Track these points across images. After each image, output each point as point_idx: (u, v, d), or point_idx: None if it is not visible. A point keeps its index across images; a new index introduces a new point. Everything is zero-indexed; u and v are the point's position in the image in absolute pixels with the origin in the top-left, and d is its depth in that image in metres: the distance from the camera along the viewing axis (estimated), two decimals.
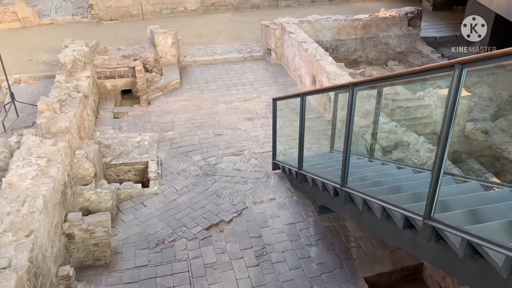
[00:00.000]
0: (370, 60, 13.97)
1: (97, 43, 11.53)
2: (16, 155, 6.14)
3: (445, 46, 15.09)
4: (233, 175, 7.94)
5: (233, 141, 9.09)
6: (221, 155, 8.59)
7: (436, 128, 8.07)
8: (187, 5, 17.88)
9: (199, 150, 8.79)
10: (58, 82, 8.76)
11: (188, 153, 8.69)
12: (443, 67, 3.34)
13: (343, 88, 5.55)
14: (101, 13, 17.08)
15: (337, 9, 17.63)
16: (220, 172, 8.02)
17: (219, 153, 8.69)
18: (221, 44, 14.67)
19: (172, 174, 8.00)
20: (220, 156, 8.58)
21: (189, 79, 12.05)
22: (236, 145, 8.93)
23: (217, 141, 9.11)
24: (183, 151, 8.77)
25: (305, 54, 10.87)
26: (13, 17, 16.15)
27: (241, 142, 9.04)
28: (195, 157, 8.56)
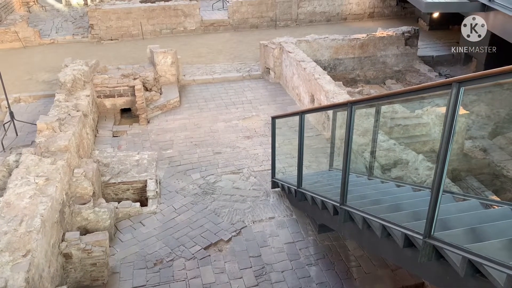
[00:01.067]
0: (368, 78, 14.09)
1: (97, 62, 11.62)
2: (14, 174, 6.12)
3: (442, 64, 15.25)
4: (232, 193, 7.92)
5: (232, 159, 9.09)
6: (220, 174, 8.58)
7: (435, 146, 8.08)
8: (187, 25, 18.09)
9: (198, 169, 8.77)
10: (57, 101, 8.80)
11: (187, 172, 8.68)
12: (440, 85, 3.37)
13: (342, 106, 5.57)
14: (101, 33, 17.27)
15: (335, 29, 17.85)
16: (219, 191, 8.00)
17: (218, 171, 8.67)
18: (220, 63, 14.80)
19: (170, 192, 7.97)
20: (219, 174, 8.56)
21: (189, 98, 12.11)
22: (235, 163, 8.92)
23: (216, 160, 9.10)
24: (182, 170, 8.76)
25: (304, 73, 10.96)
26: (14, 37, 16.31)
27: (240, 160, 9.03)
28: (194, 175, 8.54)
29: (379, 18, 20.21)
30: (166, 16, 17.78)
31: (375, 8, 20.37)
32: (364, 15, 20.29)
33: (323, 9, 19.61)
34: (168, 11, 17.77)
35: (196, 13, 18.05)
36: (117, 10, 17.28)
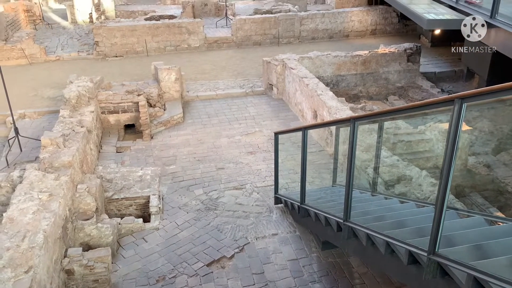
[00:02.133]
0: (371, 95, 14.14)
1: (101, 79, 11.73)
2: (18, 190, 6.14)
3: (444, 81, 15.30)
4: (235, 209, 7.89)
5: (235, 175, 9.08)
6: (223, 189, 8.57)
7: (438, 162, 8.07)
8: (191, 42, 18.28)
9: (201, 184, 8.77)
10: (62, 117, 8.86)
11: (190, 187, 8.67)
12: (443, 101, 3.38)
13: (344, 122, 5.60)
14: (106, 50, 17.47)
15: (337, 46, 17.98)
16: (222, 207, 7.97)
17: (221, 187, 8.66)
18: (223, 79, 14.91)
19: (173, 208, 7.95)
20: (222, 190, 8.55)
21: (192, 114, 12.17)
22: (238, 179, 8.92)
23: (219, 175, 9.10)
24: (184, 185, 8.75)
25: (306, 89, 11.01)
26: (21, 54, 16.52)
27: (243, 176, 9.02)
28: (197, 191, 8.53)
29: (381, 35, 20.37)
30: (170, 34, 17.99)
31: (377, 25, 20.56)
32: (366, 32, 20.47)
33: (326, 26, 19.80)
34: (173, 29, 17.99)
35: (200, 31, 18.25)
36: (122, 27, 17.50)
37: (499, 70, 12.55)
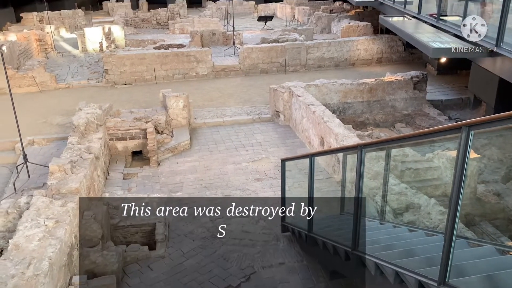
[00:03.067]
0: (378, 122, 14.15)
1: (110, 106, 11.88)
2: (25, 216, 6.14)
3: (451, 108, 15.31)
4: (242, 237, 7.80)
5: (241, 202, 9.02)
6: (229, 217, 8.49)
7: (447, 190, 7.98)
8: (199, 70, 18.55)
9: (207, 212, 8.70)
10: (70, 143, 8.94)
11: (196, 215, 8.61)
12: (450, 129, 3.38)
13: (352, 149, 5.59)
14: (115, 77, 17.75)
15: (343, 74, 18.15)
16: (228, 235, 7.89)
17: (227, 214, 8.59)
18: (231, 106, 15.03)
19: (179, 236, 7.89)
20: (228, 217, 8.48)
21: (199, 140, 12.23)
22: (245, 206, 8.85)
23: (226, 202, 9.04)
24: (191, 212, 8.70)
25: (313, 116, 11.06)
26: (31, 81, 16.83)
27: (249, 203, 8.96)
28: (203, 218, 8.47)
29: (387, 63, 20.57)
30: (179, 62, 18.29)
31: (383, 53, 20.78)
32: (372, 61, 20.68)
33: (332, 55, 20.04)
34: (181, 57, 18.31)
35: (208, 59, 18.55)
36: (131, 56, 17.84)
37: (506, 97, 12.55)
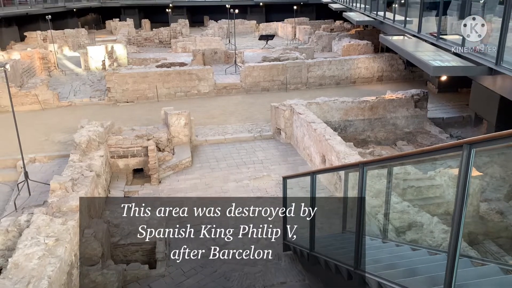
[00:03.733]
0: (379, 140, 14.16)
1: (112, 123, 11.92)
2: (25, 234, 6.10)
3: (452, 126, 15.33)
4: (243, 256, 7.72)
5: (242, 220, 8.96)
6: (230, 235, 8.42)
7: (450, 208, 7.93)
8: (200, 88, 18.67)
9: (208, 230, 8.64)
10: (72, 161, 8.94)
11: (197, 233, 8.54)
12: (451, 147, 3.37)
13: (353, 167, 5.58)
14: (117, 95, 17.86)
15: (344, 92, 18.23)
16: (229, 253, 7.81)
17: (228, 232, 8.53)
18: (232, 124, 15.07)
19: (180, 254, 7.80)
20: (229, 235, 8.40)
21: (200, 158, 12.22)
22: (246, 223, 8.78)
23: (227, 220, 8.98)
24: (191, 230, 8.63)
25: (314, 134, 11.07)
26: (34, 99, 16.93)
27: (250, 221, 8.90)
28: (204, 237, 8.39)
29: (387, 82, 20.68)
30: (181, 80, 18.42)
31: (384, 72, 20.92)
32: (373, 79, 20.80)
33: (333, 73, 20.18)
34: (183, 75, 18.44)
35: (209, 77, 18.68)
36: (134, 74, 17.98)
37: (508, 115, 12.57)
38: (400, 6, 16.17)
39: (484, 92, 12.85)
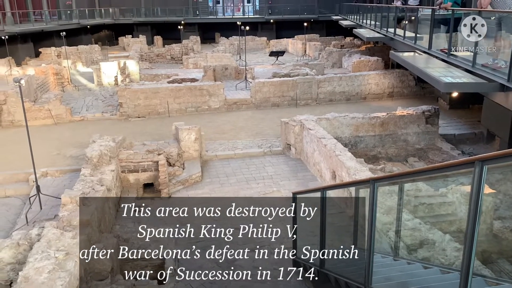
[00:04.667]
0: (390, 156, 14.07)
1: (123, 138, 12.02)
2: (35, 248, 6.13)
3: (464, 143, 15.19)
4: (252, 272, 7.67)
5: (252, 236, 8.91)
6: (239, 251, 8.38)
7: (462, 226, 7.81)
8: (211, 103, 18.80)
9: (217, 245, 8.61)
10: (83, 175, 9.01)
11: (206, 248, 8.52)
12: (463, 163, 3.34)
13: (364, 183, 5.54)
14: (129, 110, 18.04)
15: (355, 108, 18.22)
16: (238, 269, 7.76)
17: (237, 248, 8.48)
18: (242, 139, 15.11)
19: (189, 270, 7.78)
20: (238, 251, 8.36)
21: (210, 173, 12.24)
22: (255, 241, 8.74)
23: (236, 236, 8.94)
24: (201, 246, 8.61)
25: (324, 150, 11.04)
26: (47, 114, 17.18)
27: (260, 238, 8.84)
28: (213, 252, 8.36)
29: (398, 98, 20.64)
30: (192, 96, 18.58)
31: (394, 88, 20.89)
32: (383, 95, 20.77)
33: (343, 89, 20.21)
34: (194, 91, 18.61)
35: (220, 93, 18.82)
36: (145, 89, 18.19)
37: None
38: (410, 23, 16.21)
39: (496, 108, 12.74)
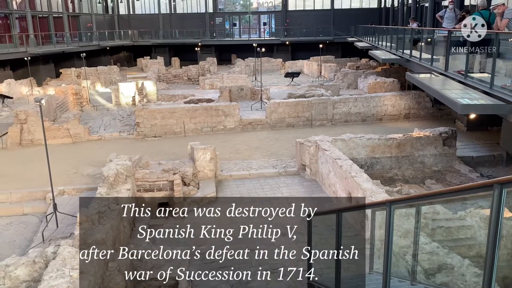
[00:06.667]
0: (407, 178, 13.88)
1: (140, 158, 12.14)
2: (51, 266, 6.16)
3: (483, 165, 14.92)
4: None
5: (266, 258, 8.83)
6: (253, 273, 8.30)
7: (482, 251, 7.61)
8: (226, 124, 18.92)
9: (231, 266, 8.54)
10: (99, 194, 9.10)
11: (220, 269, 8.46)
12: (481, 186, 3.28)
13: (380, 205, 5.47)
14: (146, 130, 18.27)
15: (370, 129, 18.12)
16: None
17: (251, 270, 8.41)
18: (257, 159, 15.11)
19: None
20: (252, 273, 8.28)
21: (225, 193, 12.23)
22: (270, 262, 8.65)
23: (250, 258, 8.87)
24: (214, 267, 8.55)
25: (340, 171, 10.96)
26: (66, 133, 17.50)
27: (274, 259, 8.76)
28: (227, 273, 8.30)
29: (415, 119, 20.48)
30: (207, 116, 18.76)
31: (411, 109, 20.76)
32: (399, 116, 20.65)
33: (358, 110, 20.16)
34: (210, 111, 18.79)
35: (235, 113, 18.96)
36: (162, 109, 18.44)
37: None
38: (427, 45, 16.20)
39: None
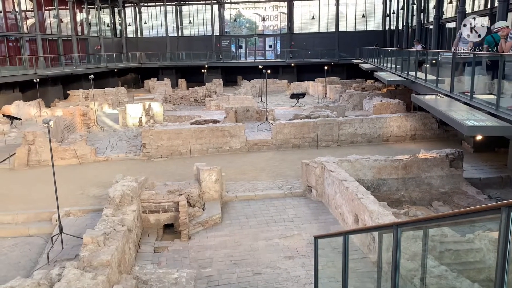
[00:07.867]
0: (414, 200, 13.77)
1: (145, 179, 12.17)
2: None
3: (491, 187, 14.78)
4: None
5: (272, 281, 8.73)
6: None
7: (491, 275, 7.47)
8: (232, 144, 18.97)
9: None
10: (105, 215, 9.09)
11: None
12: (488, 209, 3.25)
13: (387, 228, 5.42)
14: (152, 151, 18.35)
15: (376, 150, 18.08)
16: None
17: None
18: (262, 180, 15.08)
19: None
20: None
21: (230, 214, 12.18)
22: (276, 286, 8.55)
23: (256, 281, 8.77)
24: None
25: (346, 192, 10.90)
26: (73, 154, 17.59)
27: (281, 283, 8.65)
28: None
29: (421, 140, 20.43)
30: (213, 137, 18.84)
31: (417, 130, 20.73)
32: (405, 137, 20.61)
33: (364, 131, 20.16)
34: (216, 132, 18.87)
35: (241, 134, 19.02)
36: (168, 131, 18.55)
37: None
38: (432, 66, 16.29)
39: None
